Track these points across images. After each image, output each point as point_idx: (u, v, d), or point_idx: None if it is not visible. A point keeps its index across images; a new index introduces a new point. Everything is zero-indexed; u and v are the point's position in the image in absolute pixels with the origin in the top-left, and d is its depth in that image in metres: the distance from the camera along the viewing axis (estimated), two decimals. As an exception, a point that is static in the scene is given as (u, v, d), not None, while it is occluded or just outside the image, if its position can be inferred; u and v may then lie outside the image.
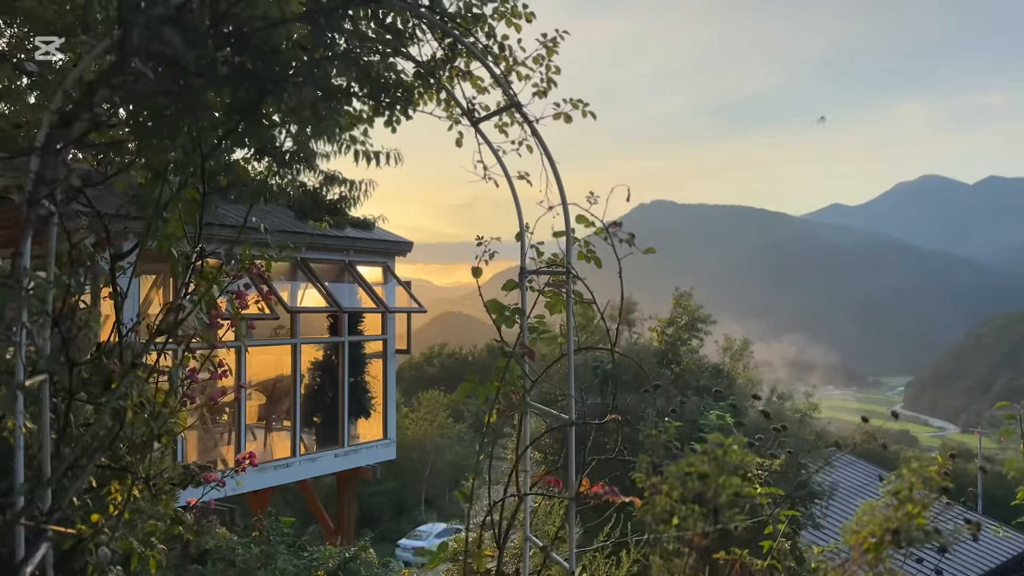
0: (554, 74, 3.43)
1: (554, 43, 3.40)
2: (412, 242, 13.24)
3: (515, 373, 3.59)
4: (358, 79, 3.84)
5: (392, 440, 12.89)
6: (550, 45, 3.40)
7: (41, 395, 3.02)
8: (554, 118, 3.35)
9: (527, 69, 3.46)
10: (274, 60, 3.56)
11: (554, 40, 3.40)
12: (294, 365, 11.45)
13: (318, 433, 12.46)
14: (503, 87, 3.36)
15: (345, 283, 12.19)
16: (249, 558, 8.02)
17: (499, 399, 3.67)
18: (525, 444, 3.77)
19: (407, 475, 33.56)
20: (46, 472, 2.93)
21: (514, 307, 3.69)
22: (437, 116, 3.89)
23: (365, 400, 12.72)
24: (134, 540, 3.14)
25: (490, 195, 5.80)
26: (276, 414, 12.08)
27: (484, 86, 3.77)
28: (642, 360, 18.69)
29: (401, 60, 3.86)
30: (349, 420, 12.31)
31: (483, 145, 3.77)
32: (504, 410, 4.09)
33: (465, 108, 3.67)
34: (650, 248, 3.25)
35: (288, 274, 11.57)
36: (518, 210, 3.78)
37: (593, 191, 3.34)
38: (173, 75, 3.26)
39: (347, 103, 3.97)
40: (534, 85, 3.48)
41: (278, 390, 11.93)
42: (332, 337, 12.38)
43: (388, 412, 12.87)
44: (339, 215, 12.50)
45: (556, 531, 3.96)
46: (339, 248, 12.12)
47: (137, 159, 3.25)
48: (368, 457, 12.52)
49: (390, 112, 4.01)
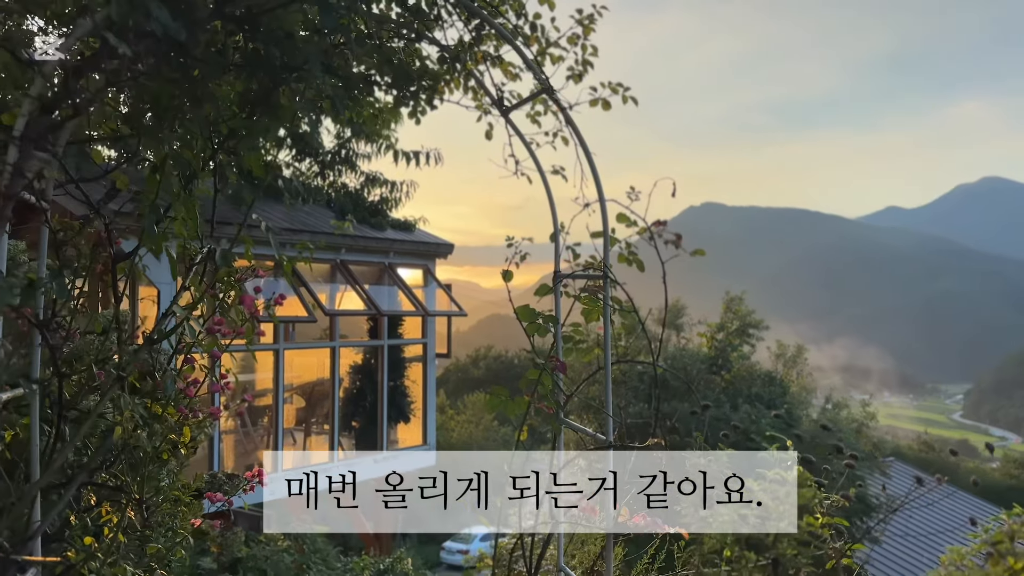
0: (591, 55, 3.08)
1: (590, 20, 3.05)
2: (453, 244, 12.97)
3: (547, 387, 3.25)
4: (379, 66, 3.53)
5: (432, 446, 12.62)
6: (586, 23, 3.06)
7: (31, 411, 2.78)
8: (590, 104, 3.00)
9: (560, 50, 3.11)
10: (288, 46, 3.27)
11: (590, 17, 3.05)
12: (332, 368, 11.27)
13: (357, 438, 12.27)
14: (534, 71, 3.02)
15: (385, 286, 11.98)
16: (282, 567, 7.82)
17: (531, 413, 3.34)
18: (559, 466, 3.42)
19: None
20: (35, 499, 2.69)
21: (547, 314, 3.35)
22: (464, 106, 3.57)
23: (404, 405, 12.49)
24: (128, 567, 2.88)
25: (543, 196, 5.45)
26: (315, 418, 11.92)
27: (515, 72, 3.43)
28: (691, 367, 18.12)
29: (425, 45, 3.55)
30: (388, 425, 12.09)
31: (514, 137, 3.44)
32: (537, 425, 3.76)
33: (494, 97, 3.34)
34: (698, 250, 2.87)
35: (327, 276, 11.39)
36: (552, 208, 3.44)
37: (634, 186, 2.98)
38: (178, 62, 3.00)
39: (369, 93, 3.66)
40: (568, 69, 3.13)
41: (317, 394, 11.77)
42: (371, 340, 12.17)
43: (428, 417, 12.62)
44: (379, 216, 12.32)
45: (593, 563, 3.60)
46: (379, 250, 11.91)
47: (140, 152, 3.01)
48: (408, 463, 12.27)
49: (414, 102, 3.70)
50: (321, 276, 11.38)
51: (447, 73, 3.46)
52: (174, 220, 3.04)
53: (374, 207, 12.52)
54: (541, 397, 3.29)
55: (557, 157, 3.53)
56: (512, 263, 3.55)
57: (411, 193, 12.96)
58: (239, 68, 3.32)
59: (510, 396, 3.25)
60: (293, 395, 12.01)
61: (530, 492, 3.39)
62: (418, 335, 12.60)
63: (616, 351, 3.60)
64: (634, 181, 5.61)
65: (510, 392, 3.29)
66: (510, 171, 3.57)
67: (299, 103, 3.28)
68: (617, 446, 2.95)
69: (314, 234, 10.86)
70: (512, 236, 3.51)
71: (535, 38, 3.17)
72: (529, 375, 3.23)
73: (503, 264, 3.55)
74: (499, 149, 3.57)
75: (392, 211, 12.83)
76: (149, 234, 2.78)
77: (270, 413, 10.88)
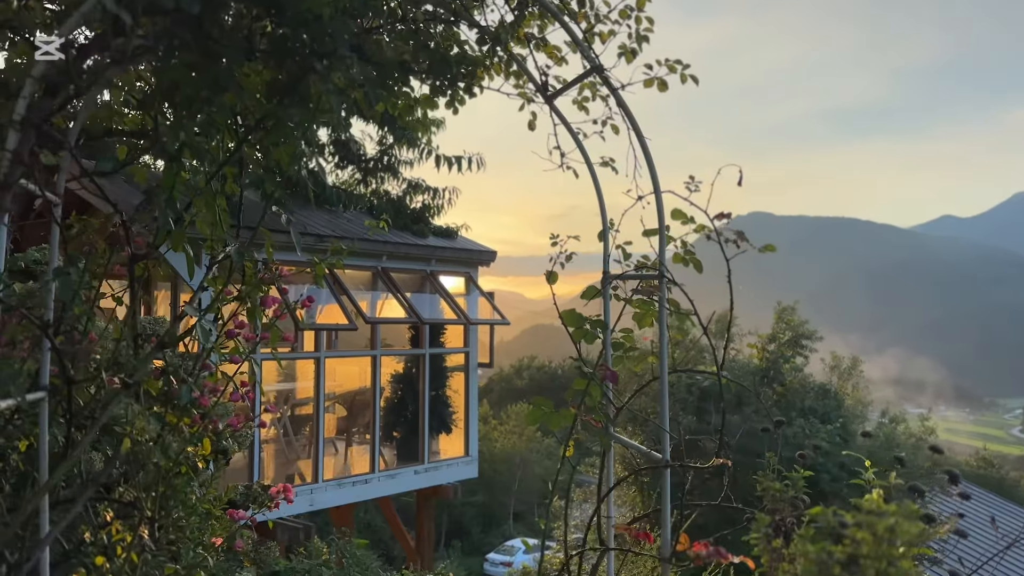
0: (646, 30, 2.80)
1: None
2: (495, 251, 12.72)
3: (595, 398, 2.95)
4: (415, 52, 3.29)
5: (474, 458, 12.35)
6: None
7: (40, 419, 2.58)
8: (645, 85, 2.70)
9: (611, 25, 2.83)
10: (316, 29, 3.04)
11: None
12: (373, 377, 11.08)
13: (398, 448, 12.06)
14: (583, 49, 2.74)
15: (426, 293, 11.77)
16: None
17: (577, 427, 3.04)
18: (608, 485, 3.11)
19: (496, 488, 33.22)
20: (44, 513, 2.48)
21: (595, 318, 3.05)
22: (505, 93, 3.31)
23: (446, 415, 12.25)
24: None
25: (587, 204, 5.15)
26: (356, 427, 11.75)
27: (560, 55, 3.16)
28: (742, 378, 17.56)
29: (464, 29, 3.30)
30: (430, 435, 11.85)
31: (559, 126, 3.15)
32: (584, 440, 3.46)
33: (538, 82, 3.06)
34: (768, 245, 2.56)
35: (369, 284, 11.23)
36: (600, 201, 3.14)
37: (693, 176, 2.68)
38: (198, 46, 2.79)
39: (404, 81, 3.42)
40: (620, 47, 2.84)
41: (358, 403, 11.60)
42: (413, 349, 11.97)
43: (470, 428, 12.35)
44: (421, 223, 12.13)
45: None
46: (421, 257, 11.71)
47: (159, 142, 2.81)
48: (449, 475, 12.02)
49: (452, 91, 3.45)
50: (362, 284, 11.23)
51: (487, 58, 3.20)
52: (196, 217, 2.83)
53: (416, 214, 12.34)
54: (588, 409, 2.99)
55: (606, 148, 3.24)
56: (557, 263, 3.27)
57: (453, 200, 12.76)
58: (267, 55, 3.10)
59: (554, 407, 2.96)
60: (335, 404, 11.86)
61: (574, 508, 3.08)
62: (460, 344, 12.36)
63: (672, 362, 3.39)
64: (680, 190, 5.37)
65: (554, 403, 3.00)
66: (554, 164, 3.29)
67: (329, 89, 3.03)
68: (675, 465, 2.64)
69: (355, 241, 10.72)
70: (556, 234, 3.23)
71: (583, 14, 2.90)
72: (575, 385, 2.93)
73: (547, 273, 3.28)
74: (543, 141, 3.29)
75: (434, 218, 12.64)
76: (163, 230, 2.57)
77: (311, 422, 10.74)
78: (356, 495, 10.97)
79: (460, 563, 27.06)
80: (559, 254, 3.25)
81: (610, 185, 3.26)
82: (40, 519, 2.47)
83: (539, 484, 33.20)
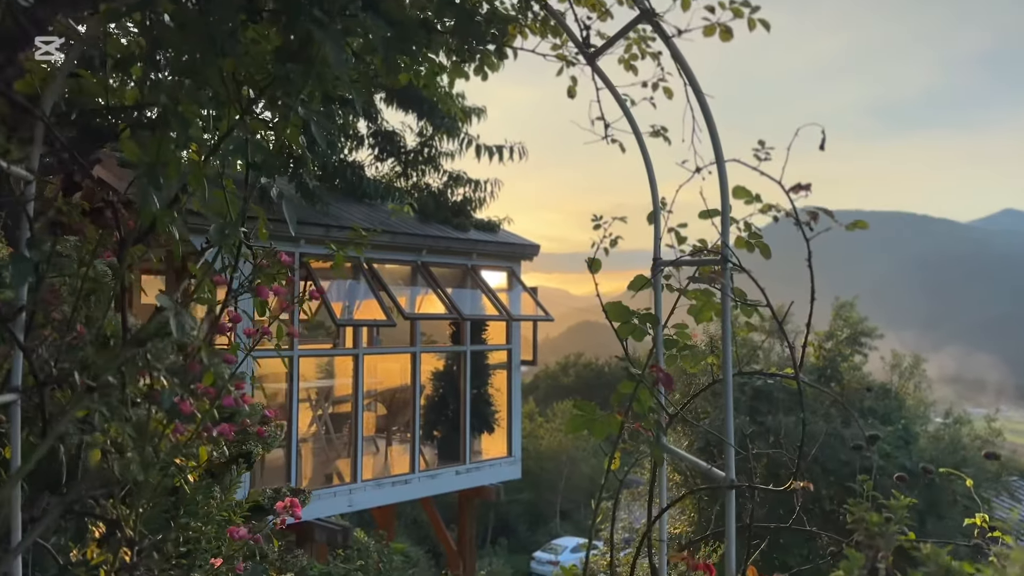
0: (705, -31, 2.38)
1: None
2: (538, 245, 12.30)
3: (645, 404, 2.52)
4: (439, 9, 2.89)
5: (517, 458, 11.96)
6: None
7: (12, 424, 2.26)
8: (705, 33, 2.27)
9: (664, -39, 2.41)
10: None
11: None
12: (413, 375, 10.76)
13: (439, 448, 11.74)
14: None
15: (467, 289, 11.42)
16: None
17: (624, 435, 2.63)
18: (662, 506, 2.69)
19: (543, 486, 32.90)
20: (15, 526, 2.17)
21: (644, 312, 2.63)
22: (540, 54, 2.90)
23: (488, 414, 11.88)
24: (122, 623, 2.32)
25: (633, 201, 4.67)
26: (396, 426, 11.46)
27: (605, 8, 2.74)
28: (796, 377, 16.82)
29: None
30: (471, 435, 11.50)
31: (602, 90, 2.73)
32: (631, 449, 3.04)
33: (578, 38, 2.65)
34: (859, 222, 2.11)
35: (408, 279, 10.92)
36: (651, 178, 2.71)
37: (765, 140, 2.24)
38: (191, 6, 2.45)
39: (426, 45, 3.02)
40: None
41: (398, 401, 11.30)
42: (453, 346, 11.63)
43: (513, 427, 11.96)
44: (462, 217, 11.78)
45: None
46: (461, 251, 11.36)
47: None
48: (491, 476, 11.66)
49: (482, 56, 3.05)
50: (401, 279, 10.93)
51: (521, 12, 2.80)
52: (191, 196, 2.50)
53: (457, 207, 11.99)
54: (636, 416, 2.57)
55: (657, 116, 2.80)
56: (600, 249, 2.85)
57: (496, 192, 12.37)
58: (275, 16, 2.74)
59: (599, 410, 2.54)
60: (374, 402, 11.59)
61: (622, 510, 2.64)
62: (502, 340, 11.98)
63: (735, 362, 3.01)
64: (747, 159, 4.96)
65: (599, 405, 2.59)
66: (597, 135, 2.86)
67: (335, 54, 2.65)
68: (742, 486, 2.20)
69: (394, 235, 10.42)
70: (599, 215, 2.81)
71: (630, -45, 2.50)
72: (622, 388, 2.51)
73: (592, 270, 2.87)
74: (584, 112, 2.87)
75: (476, 212, 12.27)
76: (145, 207, 2.22)
77: (350, 421, 10.47)
78: (396, 496, 10.68)
79: (506, 561, 26.76)
80: (603, 238, 2.83)
81: (660, 164, 2.83)
82: (11, 533, 2.17)
83: (586, 482, 32.79)
